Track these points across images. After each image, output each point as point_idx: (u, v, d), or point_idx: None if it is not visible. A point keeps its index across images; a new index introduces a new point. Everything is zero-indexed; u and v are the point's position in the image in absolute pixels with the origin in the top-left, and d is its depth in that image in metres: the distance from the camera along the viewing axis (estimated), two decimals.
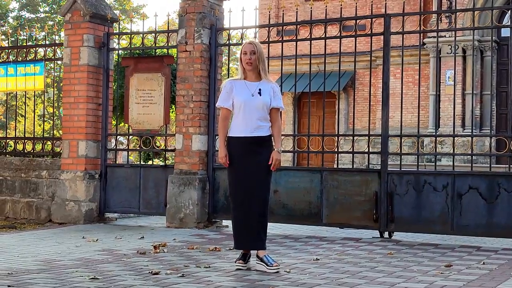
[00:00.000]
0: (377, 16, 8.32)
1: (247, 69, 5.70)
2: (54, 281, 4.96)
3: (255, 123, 5.64)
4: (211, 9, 8.96)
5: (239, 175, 5.64)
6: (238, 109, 5.66)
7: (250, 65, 5.67)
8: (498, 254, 6.55)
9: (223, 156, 5.67)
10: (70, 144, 9.49)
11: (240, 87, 5.69)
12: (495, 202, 7.37)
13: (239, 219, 5.64)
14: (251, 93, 5.65)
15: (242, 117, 5.64)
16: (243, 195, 5.60)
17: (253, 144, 5.63)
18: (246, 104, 5.62)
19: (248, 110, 5.63)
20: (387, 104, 8.08)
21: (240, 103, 5.63)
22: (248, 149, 5.62)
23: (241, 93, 5.66)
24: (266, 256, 5.54)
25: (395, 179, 7.83)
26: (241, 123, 5.65)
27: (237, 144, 5.65)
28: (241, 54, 5.73)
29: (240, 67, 5.76)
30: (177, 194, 8.76)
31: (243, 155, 5.63)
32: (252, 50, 5.65)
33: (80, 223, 9.21)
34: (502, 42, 20.51)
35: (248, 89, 5.67)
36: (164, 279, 5.07)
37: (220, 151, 5.71)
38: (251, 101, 5.63)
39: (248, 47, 5.68)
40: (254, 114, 5.64)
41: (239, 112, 5.66)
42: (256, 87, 5.68)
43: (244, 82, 5.71)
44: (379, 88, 19.13)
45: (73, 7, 9.55)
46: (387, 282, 4.98)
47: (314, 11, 8.83)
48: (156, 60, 9.47)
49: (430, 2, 21.55)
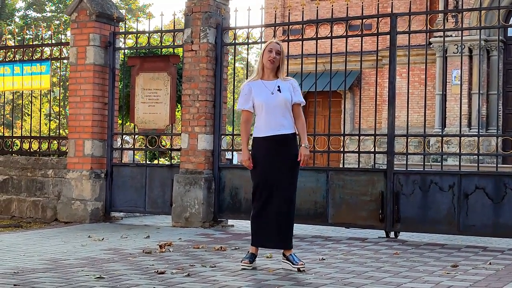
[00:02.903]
0: (383, 16, 8.30)
1: (267, 67, 5.64)
2: (59, 280, 4.96)
3: (278, 122, 5.59)
4: (217, 9, 8.96)
5: (264, 175, 5.57)
6: (260, 109, 5.61)
7: (272, 63, 5.62)
8: (505, 255, 6.53)
9: (247, 158, 5.61)
10: (76, 143, 9.51)
11: (258, 88, 5.64)
12: (502, 202, 7.34)
13: (262, 218, 5.58)
14: (270, 92, 5.60)
15: (265, 116, 5.60)
16: (268, 194, 5.55)
17: (278, 143, 5.59)
18: (267, 103, 5.57)
19: (270, 109, 5.58)
20: (393, 103, 8.06)
21: (261, 103, 5.59)
22: (273, 148, 5.58)
23: (260, 93, 5.61)
24: (292, 255, 5.53)
25: (401, 179, 7.82)
26: (265, 123, 5.60)
27: (262, 144, 5.60)
28: (264, 50, 5.65)
29: (259, 64, 5.68)
30: (183, 193, 8.76)
31: (268, 155, 5.58)
32: (278, 50, 5.63)
33: (86, 222, 9.22)
34: (508, 41, 20.46)
35: (266, 88, 5.63)
36: (169, 278, 5.07)
37: (244, 153, 5.67)
38: (271, 100, 5.58)
39: (275, 46, 5.64)
40: (277, 112, 5.59)
41: (261, 112, 5.61)
42: (274, 85, 5.63)
43: (261, 82, 5.66)
44: (385, 87, 19.09)
45: (79, 7, 9.56)
46: (393, 282, 4.97)
47: (320, 10, 8.82)
48: (162, 59, 9.47)
49: (437, 1, 21.49)
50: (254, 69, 5.76)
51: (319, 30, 8.55)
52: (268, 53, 5.63)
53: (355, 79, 23.15)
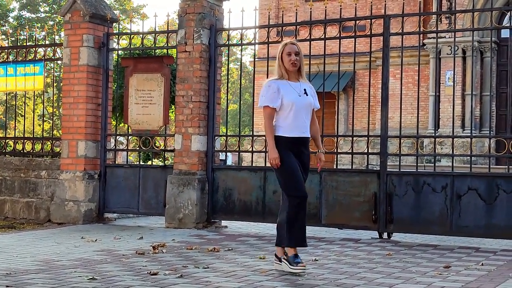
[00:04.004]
0: (376, 17, 8.32)
1: (291, 70, 5.63)
2: (52, 281, 4.96)
3: (303, 124, 5.63)
4: (211, 10, 8.97)
5: (297, 175, 5.56)
6: (288, 109, 5.57)
7: (294, 66, 5.61)
8: (497, 255, 6.55)
9: (277, 156, 5.52)
10: (69, 144, 9.49)
11: (286, 87, 5.61)
12: (494, 203, 7.37)
13: (297, 217, 5.55)
14: (297, 94, 5.60)
15: (293, 117, 5.57)
16: (301, 194, 5.56)
17: (302, 144, 5.64)
18: (296, 105, 5.56)
19: (298, 111, 5.57)
20: (386, 104, 8.08)
21: (290, 104, 5.55)
22: (297, 149, 5.60)
23: (289, 93, 5.58)
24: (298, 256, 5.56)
25: (394, 180, 7.83)
26: (292, 124, 5.58)
27: (288, 144, 5.57)
28: (281, 54, 5.62)
29: (280, 67, 5.63)
30: (176, 194, 8.76)
31: (295, 156, 5.59)
32: (296, 51, 5.61)
33: (79, 223, 9.21)
34: (502, 43, 20.51)
35: (293, 89, 5.61)
36: (162, 279, 5.07)
37: (273, 151, 5.55)
38: (299, 102, 5.58)
39: (292, 47, 5.61)
40: (303, 114, 5.61)
41: (289, 113, 5.57)
42: (300, 87, 5.64)
43: (287, 82, 5.63)
44: (378, 88, 19.10)
45: (73, 7, 9.55)
46: (385, 283, 4.98)
47: (313, 11, 8.84)
48: (155, 60, 9.47)
49: (430, 3, 21.56)
50: (275, 73, 5.68)
51: (313, 31, 8.56)
52: (287, 57, 5.60)
53: (348, 80, 23.19)
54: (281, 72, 5.64)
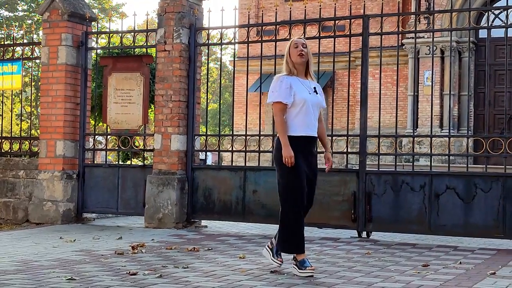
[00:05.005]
0: (355, 17, 8.35)
1: (298, 62, 5.45)
2: (30, 282, 4.92)
3: (313, 122, 5.47)
4: (190, 9, 8.95)
5: (302, 176, 5.38)
6: (299, 107, 5.40)
7: (302, 56, 5.43)
8: (475, 254, 6.61)
9: (292, 155, 5.30)
10: (47, 143, 9.43)
11: (298, 84, 5.43)
12: (472, 202, 7.43)
13: (298, 222, 5.42)
14: (308, 91, 5.45)
15: (303, 115, 5.41)
16: (304, 198, 5.41)
17: (311, 144, 5.49)
18: (308, 102, 5.41)
19: (309, 109, 5.42)
20: (365, 104, 8.11)
21: (302, 101, 5.39)
22: (307, 149, 5.45)
23: (301, 90, 5.41)
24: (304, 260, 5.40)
25: (373, 179, 7.87)
26: (303, 122, 5.41)
27: (299, 144, 5.39)
28: (289, 48, 5.48)
29: (289, 63, 5.48)
30: (156, 194, 8.73)
31: (303, 156, 5.41)
32: (303, 43, 5.48)
33: (57, 224, 9.15)
34: (480, 43, 20.67)
35: (304, 87, 5.46)
36: (141, 279, 5.05)
37: (287, 149, 5.31)
38: (310, 100, 5.43)
39: (299, 40, 5.50)
40: (313, 112, 5.47)
41: (300, 110, 5.40)
42: (310, 85, 5.50)
43: (298, 79, 5.46)
44: (358, 88, 19.14)
45: (52, 6, 9.48)
46: (364, 282, 5.00)
47: (293, 11, 8.86)
48: (135, 59, 9.44)
49: (409, 3, 21.66)
50: (283, 70, 5.53)
51: (293, 31, 8.58)
52: (295, 49, 5.46)
53: (328, 80, 23.20)
54: (289, 68, 5.49)
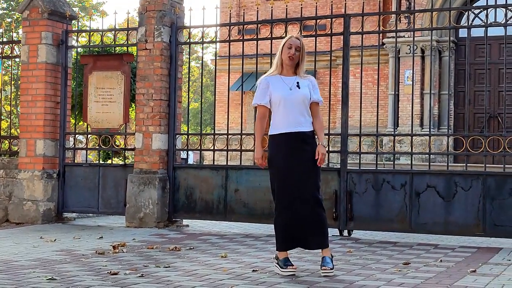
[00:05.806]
0: (337, 16, 8.37)
1: (286, 63, 5.44)
2: (10, 282, 4.88)
3: (296, 119, 5.38)
4: (172, 7, 8.92)
5: (285, 176, 5.34)
6: (277, 105, 5.38)
7: (291, 60, 5.41)
8: (455, 252, 6.65)
9: (260, 157, 5.42)
10: (27, 143, 9.36)
11: (277, 83, 5.42)
12: (452, 200, 7.48)
13: (287, 221, 5.37)
14: (288, 87, 5.39)
15: (282, 113, 5.37)
16: (291, 196, 5.34)
17: (297, 140, 5.37)
18: (286, 99, 5.35)
19: (288, 105, 5.35)
20: (346, 103, 8.14)
21: (278, 99, 5.37)
22: (292, 146, 5.35)
23: (278, 88, 5.39)
24: (326, 257, 5.34)
25: (354, 178, 7.90)
26: (282, 120, 5.37)
27: (281, 142, 5.36)
28: (283, 46, 5.44)
29: (278, 60, 5.46)
30: (137, 193, 8.70)
31: (287, 154, 5.34)
32: (298, 46, 5.42)
33: (38, 223, 9.08)
34: (460, 42, 20.83)
35: (285, 84, 5.42)
36: (123, 279, 5.03)
37: (257, 151, 5.45)
38: (290, 96, 5.36)
39: (295, 41, 5.44)
40: (295, 109, 5.38)
41: (279, 108, 5.38)
42: (293, 81, 5.43)
43: (280, 77, 5.44)
44: (339, 87, 19.22)
45: (31, 4, 9.41)
46: (346, 280, 5.02)
47: (275, 10, 8.85)
48: (115, 58, 9.39)
49: (390, 2, 21.76)
50: (273, 64, 5.53)
51: (274, 30, 8.58)
52: (287, 50, 5.42)
53: None
54: (277, 64, 5.48)
